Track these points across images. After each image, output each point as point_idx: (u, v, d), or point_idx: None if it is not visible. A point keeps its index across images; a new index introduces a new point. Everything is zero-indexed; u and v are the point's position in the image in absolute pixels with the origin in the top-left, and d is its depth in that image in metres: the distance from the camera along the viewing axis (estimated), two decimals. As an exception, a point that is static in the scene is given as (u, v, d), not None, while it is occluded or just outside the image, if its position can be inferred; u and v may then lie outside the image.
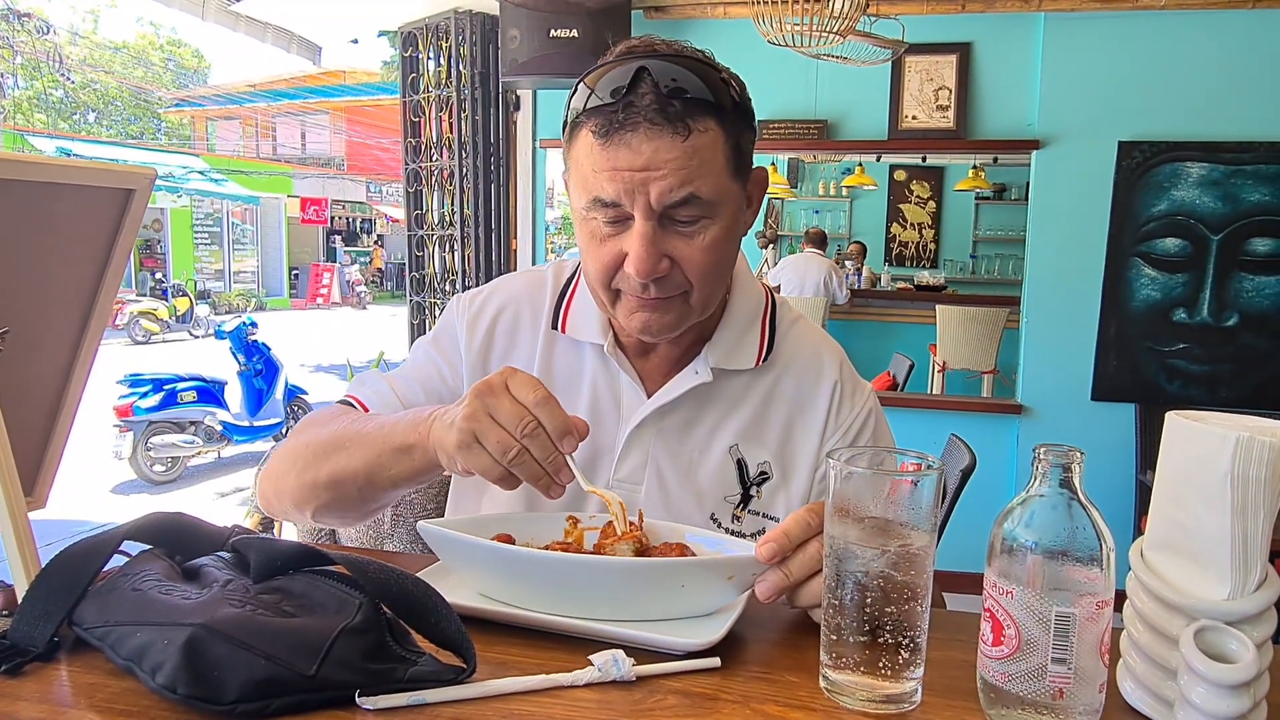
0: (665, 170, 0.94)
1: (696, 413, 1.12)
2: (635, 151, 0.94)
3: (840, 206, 10.39)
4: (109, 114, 28.78)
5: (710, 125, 0.96)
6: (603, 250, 1.00)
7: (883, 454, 0.77)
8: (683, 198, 0.96)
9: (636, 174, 0.95)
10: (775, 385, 1.15)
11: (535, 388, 0.85)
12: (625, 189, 0.95)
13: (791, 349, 1.17)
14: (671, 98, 0.94)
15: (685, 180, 0.95)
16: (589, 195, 0.98)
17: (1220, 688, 0.62)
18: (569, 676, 0.71)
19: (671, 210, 0.97)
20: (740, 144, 1.01)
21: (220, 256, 22.68)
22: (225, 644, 0.64)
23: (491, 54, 4.60)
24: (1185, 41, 3.98)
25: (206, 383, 6.83)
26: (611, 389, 1.13)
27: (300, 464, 1.05)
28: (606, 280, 1.02)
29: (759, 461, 1.12)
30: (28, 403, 0.89)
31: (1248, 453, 0.63)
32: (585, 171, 0.98)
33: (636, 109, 0.94)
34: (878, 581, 0.69)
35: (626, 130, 0.94)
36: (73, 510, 5.66)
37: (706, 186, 0.96)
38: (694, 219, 0.98)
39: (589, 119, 0.97)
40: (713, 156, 0.97)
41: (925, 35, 4.10)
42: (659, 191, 0.95)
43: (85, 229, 0.88)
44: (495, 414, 0.84)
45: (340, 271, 23.75)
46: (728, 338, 1.13)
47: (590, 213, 1.00)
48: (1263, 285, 4.04)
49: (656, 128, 0.94)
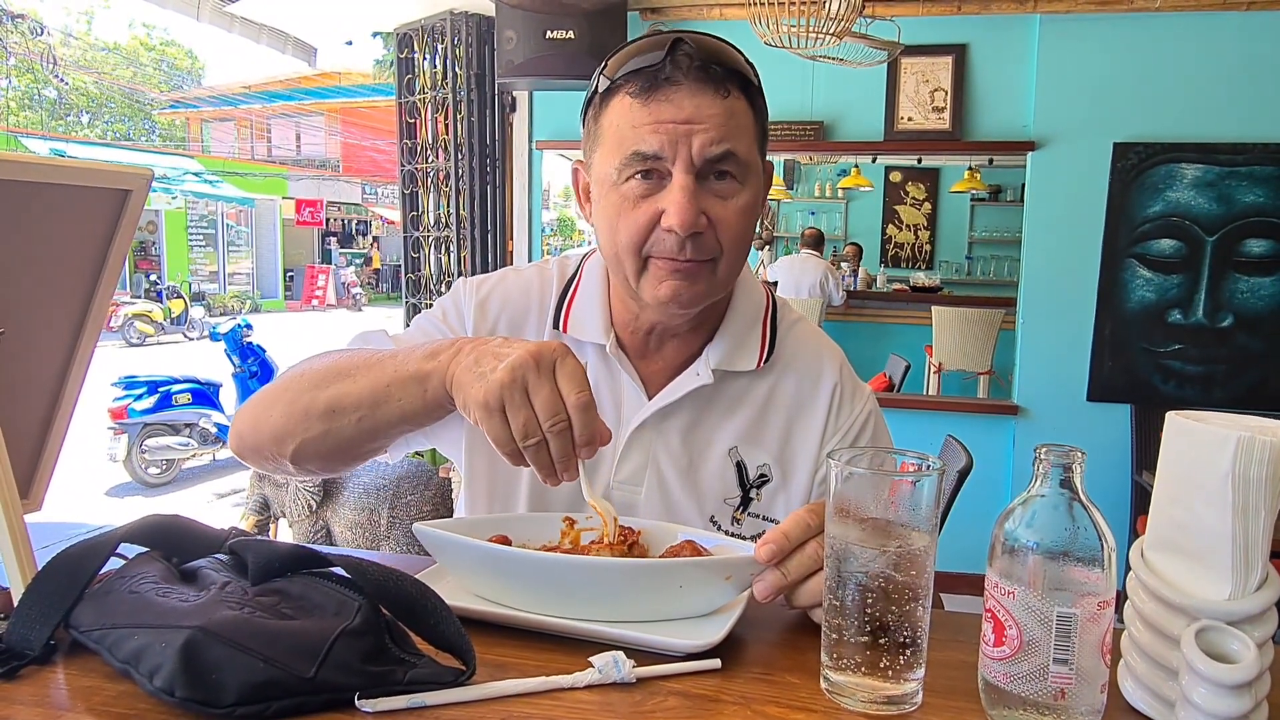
0: (708, 124, 0.96)
1: (697, 415, 1.12)
2: (678, 106, 0.96)
3: (836, 208, 10.41)
4: (102, 115, 28.72)
5: (741, 96, 1.00)
6: (636, 213, 1.00)
7: (883, 454, 0.77)
8: (722, 152, 0.97)
9: (680, 125, 0.96)
10: (775, 387, 1.14)
11: (580, 387, 0.82)
12: (669, 140, 0.96)
13: (792, 350, 1.16)
14: (711, 62, 0.97)
15: (726, 136, 0.97)
16: (627, 151, 0.98)
17: (1221, 688, 0.62)
18: (569, 679, 0.71)
19: (710, 166, 0.98)
20: (763, 125, 1.04)
21: (215, 258, 22.64)
22: (223, 646, 0.64)
23: (487, 55, 4.59)
24: (1180, 44, 3.99)
25: (201, 385, 6.82)
26: (612, 390, 1.13)
27: (292, 393, 1.00)
28: (638, 246, 1.00)
29: (759, 464, 1.12)
30: (23, 405, 0.89)
31: (1248, 452, 0.63)
32: (623, 130, 0.99)
33: (680, 67, 0.97)
34: (878, 582, 0.69)
35: (670, 86, 0.97)
36: (68, 513, 5.64)
37: (743, 147, 0.99)
38: (729, 178, 0.99)
39: (626, 82, 0.99)
40: (747, 123, 1.00)
41: (921, 37, 4.11)
42: (701, 144, 0.96)
43: (81, 230, 0.88)
44: (532, 394, 0.81)
45: (335, 273, 23.73)
46: (730, 339, 1.13)
47: (626, 170, 0.99)
48: (1257, 286, 4.05)
49: (699, 84, 0.97)
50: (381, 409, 0.93)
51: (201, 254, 22.31)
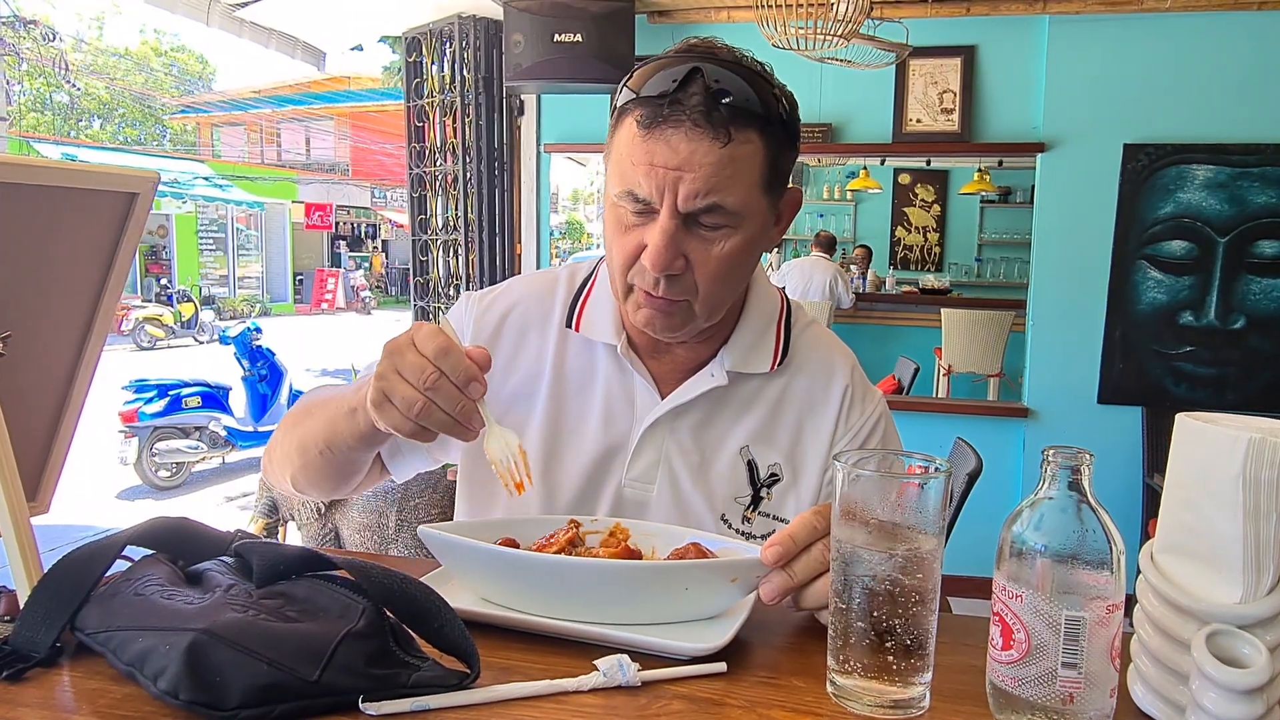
0: (697, 174, 0.95)
1: (709, 414, 1.12)
2: (673, 149, 0.95)
3: (845, 210, 10.38)
4: (113, 120, 28.89)
5: (752, 137, 0.97)
6: (625, 239, 1.01)
7: (890, 457, 0.77)
8: (707, 205, 0.96)
9: (670, 171, 0.95)
10: (787, 388, 1.15)
11: (435, 337, 0.87)
12: (656, 185, 0.96)
13: (805, 352, 1.17)
14: (718, 101, 0.95)
15: (714, 188, 0.95)
16: (623, 185, 0.99)
17: (1233, 692, 0.62)
18: (574, 682, 0.71)
19: (695, 215, 0.97)
20: (779, 162, 1.01)
21: (225, 262, 22.73)
22: (228, 649, 0.64)
23: (495, 59, 4.60)
24: (1190, 44, 3.97)
25: (211, 388, 6.84)
26: (625, 389, 1.14)
27: (282, 430, 1.15)
28: (624, 269, 1.02)
29: (770, 463, 1.12)
30: (31, 407, 0.89)
31: (1259, 455, 0.63)
32: (623, 161, 0.99)
33: (683, 107, 0.95)
34: (885, 585, 0.69)
35: (669, 126, 0.95)
36: (77, 515, 5.67)
37: (734, 198, 0.97)
38: (716, 226, 0.98)
39: (637, 106, 0.98)
40: (748, 169, 0.98)
41: (929, 38, 4.10)
42: (686, 193, 0.95)
43: (88, 232, 0.88)
44: (401, 370, 0.87)
45: (345, 277, 23.80)
46: (744, 341, 1.13)
47: (621, 201, 1.00)
48: (1269, 288, 4.02)
49: (699, 129, 0.94)
50: (335, 441, 1.04)
51: (212, 258, 22.40)
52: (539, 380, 1.15)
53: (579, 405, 1.14)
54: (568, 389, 1.15)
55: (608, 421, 1.13)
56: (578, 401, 1.14)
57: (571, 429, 1.13)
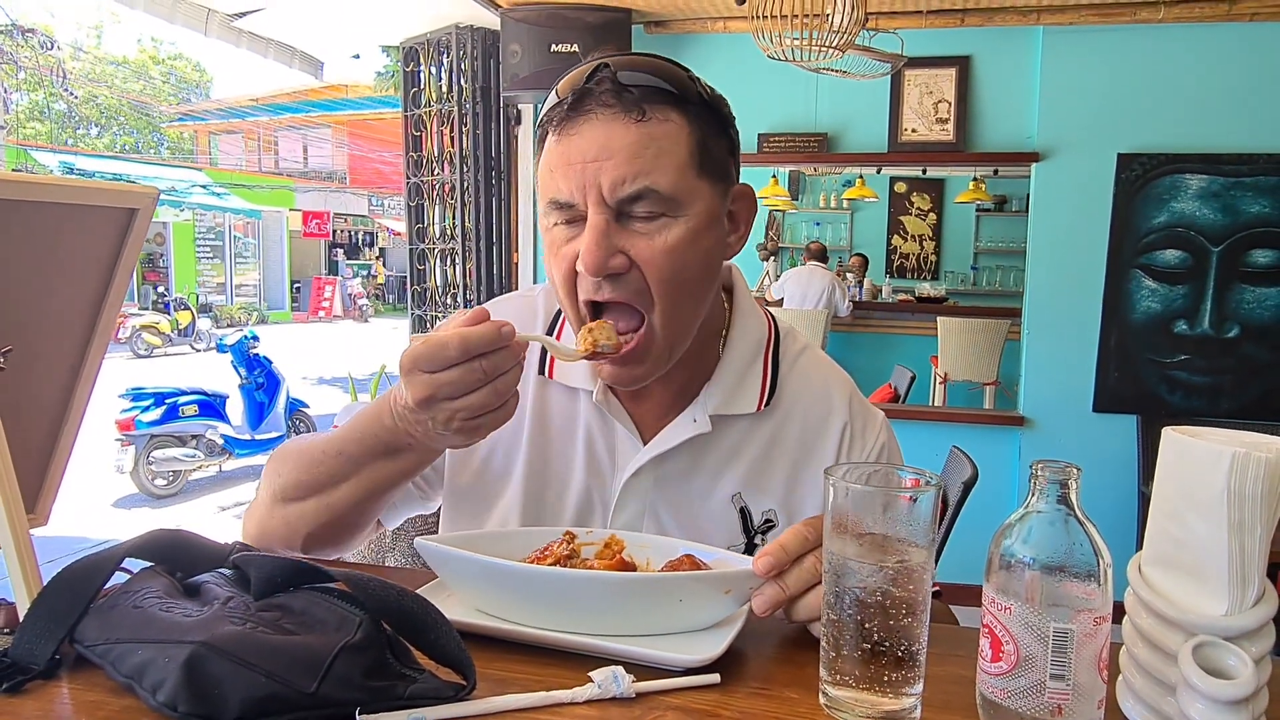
0: (618, 158, 0.89)
1: (696, 460, 1.05)
2: (589, 140, 0.89)
3: (841, 218, 10.41)
4: (111, 127, 28.90)
5: (671, 115, 0.91)
6: (560, 258, 0.94)
7: (881, 470, 0.78)
8: (637, 190, 0.89)
9: (589, 164, 0.89)
10: (780, 430, 1.07)
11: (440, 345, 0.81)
12: (578, 183, 0.90)
13: (796, 389, 1.09)
14: (627, 85, 0.90)
15: (640, 171, 0.89)
16: (546, 198, 0.94)
17: (1219, 703, 0.63)
18: (568, 693, 0.71)
19: (627, 205, 0.91)
20: (708, 143, 0.94)
21: (222, 270, 22.74)
22: (226, 661, 0.64)
23: (493, 68, 4.62)
24: (1183, 55, 4.00)
25: (208, 396, 6.84)
26: (607, 435, 1.07)
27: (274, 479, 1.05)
28: (570, 293, 0.95)
29: (764, 509, 1.06)
30: (30, 420, 0.90)
31: (1244, 469, 0.63)
32: (544, 174, 0.94)
33: (591, 96, 0.90)
34: (876, 597, 0.70)
35: (580, 119, 0.90)
36: (73, 526, 5.66)
37: (665, 179, 0.90)
38: (652, 215, 0.91)
39: (550, 117, 0.93)
40: (673, 147, 0.91)
41: (924, 49, 4.13)
42: (610, 182, 0.89)
43: (88, 247, 0.89)
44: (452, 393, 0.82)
45: (342, 285, 23.81)
46: (726, 380, 1.06)
47: (548, 217, 0.95)
48: (1263, 297, 4.04)
49: (609, 110, 0.89)
50: (376, 493, 1.00)
51: (209, 266, 22.41)
52: (519, 429, 1.08)
53: (561, 454, 1.08)
54: (550, 436, 1.08)
55: (591, 472, 1.06)
56: (560, 450, 1.08)
57: (554, 480, 1.07)
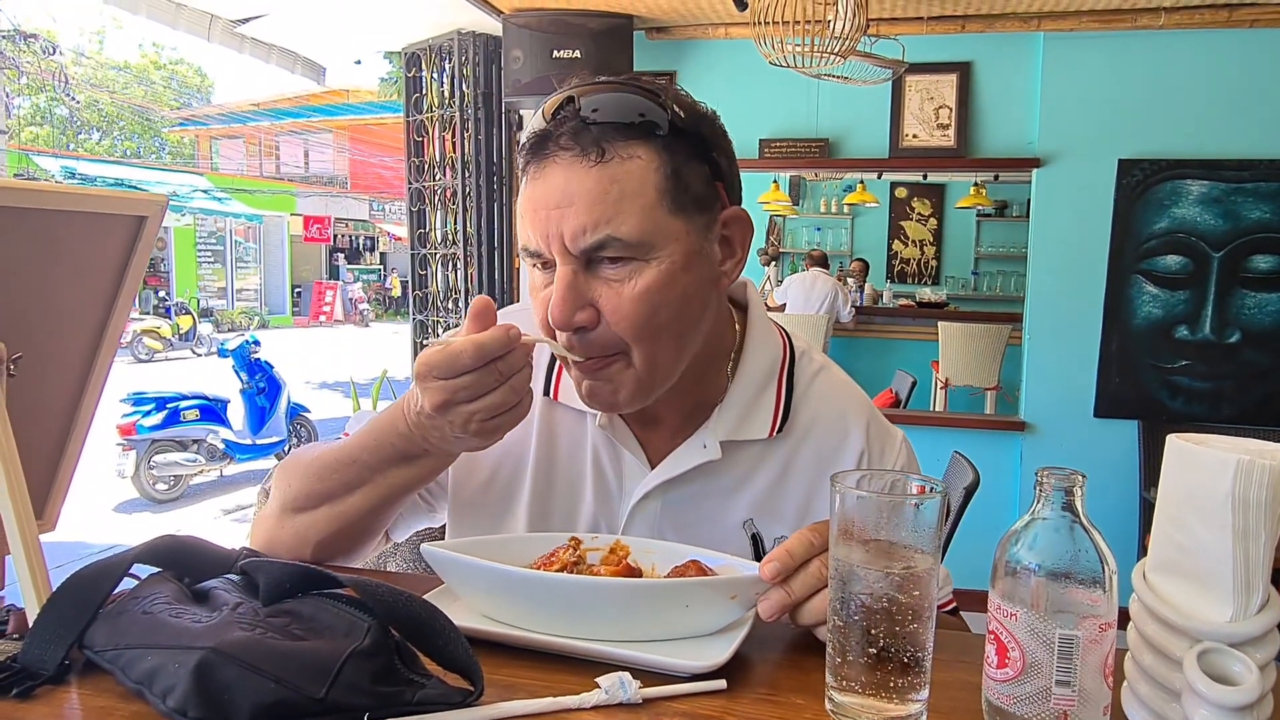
0: (578, 205, 0.85)
1: (705, 486, 1.03)
2: (551, 186, 0.86)
3: (842, 224, 10.42)
4: (113, 132, 28.95)
5: (636, 152, 0.86)
6: (538, 301, 0.92)
7: (887, 477, 0.78)
8: (599, 240, 0.85)
9: (551, 212, 0.86)
10: (793, 455, 1.04)
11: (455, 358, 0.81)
12: (542, 232, 0.87)
13: (811, 413, 1.05)
14: (588, 122, 0.86)
15: (600, 219, 0.85)
16: (522, 243, 0.92)
17: (1224, 710, 0.63)
18: (575, 699, 0.72)
19: (593, 253, 0.87)
20: (682, 174, 0.88)
21: (223, 274, 22.77)
22: (235, 667, 0.64)
23: (494, 74, 4.63)
24: (1184, 60, 4.01)
25: (209, 401, 6.84)
26: (614, 459, 1.04)
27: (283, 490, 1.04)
28: (553, 338, 0.92)
29: (776, 536, 1.03)
30: (39, 427, 0.90)
31: (1248, 476, 0.64)
32: (520, 216, 0.91)
33: (550, 139, 0.87)
34: (882, 603, 0.70)
35: (545, 163, 0.87)
36: (76, 531, 5.65)
37: (628, 225, 0.85)
38: (618, 261, 0.87)
39: (522, 157, 0.91)
40: (639, 188, 0.86)
41: (925, 55, 4.14)
42: (571, 231, 0.85)
43: (97, 255, 0.89)
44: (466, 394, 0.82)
45: (343, 289, 23.82)
46: (737, 405, 1.02)
47: (527, 260, 0.93)
48: (1264, 302, 4.05)
49: (568, 153, 0.86)
50: (391, 500, 0.99)
51: (210, 270, 22.44)
52: (525, 449, 1.06)
53: (568, 477, 1.06)
54: (556, 458, 1.06)
55: (598, 496, 1.04)
56: (566, 473, 1.06)
57: (560, 503, 1.06)
